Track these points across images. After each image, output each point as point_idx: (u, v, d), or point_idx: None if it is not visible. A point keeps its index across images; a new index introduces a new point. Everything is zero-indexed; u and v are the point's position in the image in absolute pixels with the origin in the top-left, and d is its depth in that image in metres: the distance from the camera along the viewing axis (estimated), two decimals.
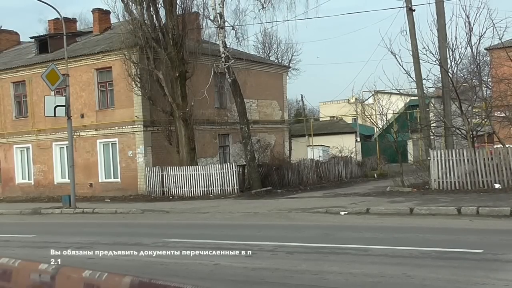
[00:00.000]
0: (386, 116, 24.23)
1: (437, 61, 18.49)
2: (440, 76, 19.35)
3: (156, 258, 9.15)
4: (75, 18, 33.46)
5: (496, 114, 20.42)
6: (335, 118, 45.03)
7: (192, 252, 9.57)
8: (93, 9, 29.67)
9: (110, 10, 27.36)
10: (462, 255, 7.95)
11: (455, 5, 59.01)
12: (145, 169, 24.02)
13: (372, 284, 6.62)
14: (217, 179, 22.55)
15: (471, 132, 18.33)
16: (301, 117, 47.56)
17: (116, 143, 25.35)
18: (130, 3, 23.17)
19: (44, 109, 20.64)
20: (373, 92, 30.97)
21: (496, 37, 18.16)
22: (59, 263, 7.62)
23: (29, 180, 28.64)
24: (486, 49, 24.00)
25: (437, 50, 18.61)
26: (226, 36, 23.50)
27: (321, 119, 50.13)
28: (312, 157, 29.58)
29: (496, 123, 20.21)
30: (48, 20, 32.36)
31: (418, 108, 24.06)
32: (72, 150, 21.09)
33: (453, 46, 18.21)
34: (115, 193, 24.46)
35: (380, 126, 25.47)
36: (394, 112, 26.90)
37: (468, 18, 17.48)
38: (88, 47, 27.11)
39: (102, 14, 29.02)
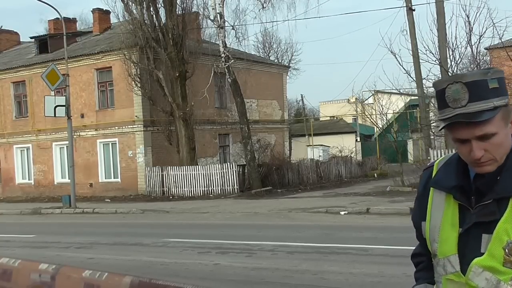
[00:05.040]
0: (386, 115, 24.23)
1: (437, 61, 18.47)
2: (440, 76, 19.33)
3: (156, 258, 9.16)
4: (75, 18, 33.45)
5: None
6: (335, 118, 45.03)
7: (192, 252, 9.58)
8: (93, 9, 29.66)
9: (110, 10, 27.43)
10: None
11: (455, 4, 59.14)
12: (145, 169, 24.02)
13: (372, 284, 6.62)
14: (217, 179, 22.55)
15: None
16: (301, 117, 47.53)
17: (116, 143, 25.34)
18: (130, 3, 23.17)
19: (44, 109, 20.64)
20: (373, 92, 30.97)
21: (496, 36, 18.12)
22: (60, 263, 7.61)
23: (29, 180, 28.63)
24: (486, 48, 23.96)
25: (437, 49, 18.59)
26: (226, 36, 23.51)
27: (321, 119, 50.10)
28: (312, 157, 29.57)
29: None
30: (48, 20, 32.36)
31: (418, 108, 24.07)
32: (72, 150, 21.08)
33: (453, 45, 18.21)
34: (115, 193, 24.46)
35: (380, 126, 25.45)
36: (394, 111, 26.90)
37: (468, 18, 17.47)
38: (88, 47, 27.11)
39: (102, 14, 29.01)
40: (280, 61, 44.13)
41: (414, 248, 1.96)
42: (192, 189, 22.88)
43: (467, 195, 1.66)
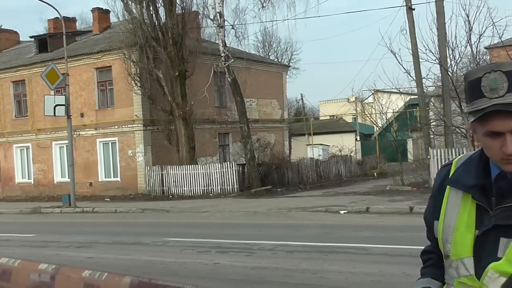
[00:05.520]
0: (386, 115, 24.25)
1: (437, 60, 18.48)
2: (440, 75, 19.35)
3: (156, 257, 9.16)
4: (75, 18, 33.43)
5: None
6: (335, 117, 45.04)
7: (192, 251, 9.58)
8: (92, 8, 29.63)
9: (110, 10, 27.45)
10: None
11: (455, 4, 59.03)
12: (145, 168, 24.02)
13: (372, 283, 6.62)
14: (217, 178, 22.55)
15: (470, 131, 18.30)
16: (301, 116, 47.54)
17: (116, 142, 25.34)
18: (130, 2, 23.17)
19: (44, 108, 20.64)
20: (373, 91, 30.96)
21: (496, 36, 18.15)
22: (60, 263, 7.61)
23: (29, 179, 28.63)
24: (486, 48, 23.97)
25: (437, 49, 18.60)
26: (226, 35, 23.51)
27: (321, 118, 50.11)
28: (312, 156, 29.56)
29: None
30: (48, 20, 32.34)
31: (418, 107, 24.10)
32: (72, 149, 21.08)
33: (453, 45, 18.22)
34: (115, 192, 24.47)
35: (380, 125, 25.47)
36: (394, 111, 26.92)
37: (468, 17, 17.47)
38: (88, 46, 27.11)
39: (101, 14, 29.00)
40: (279, 60, 44.15)
41: (424, 246, 1.95)
42: (192, 188, 22.88)
43: (487, 196, 1.58)
